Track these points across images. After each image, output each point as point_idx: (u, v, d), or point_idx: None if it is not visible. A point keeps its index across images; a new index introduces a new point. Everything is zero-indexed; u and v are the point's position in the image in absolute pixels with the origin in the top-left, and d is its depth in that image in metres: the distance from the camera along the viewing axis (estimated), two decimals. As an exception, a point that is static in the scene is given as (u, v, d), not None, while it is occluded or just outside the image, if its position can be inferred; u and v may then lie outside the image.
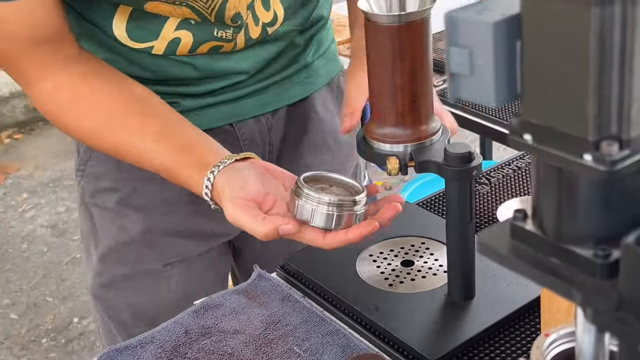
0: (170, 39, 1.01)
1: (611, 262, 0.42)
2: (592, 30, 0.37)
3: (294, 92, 1.15)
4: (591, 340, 0.49)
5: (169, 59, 1.03)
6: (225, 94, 1.09)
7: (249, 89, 1.10)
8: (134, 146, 0.95)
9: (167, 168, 0.94)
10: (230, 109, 1.10)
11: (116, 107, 0.96)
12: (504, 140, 1.41)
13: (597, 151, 0.40)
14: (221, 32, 1.02)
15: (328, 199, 0.85)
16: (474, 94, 0.44)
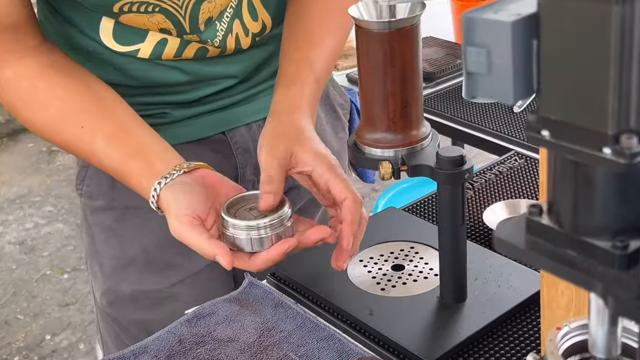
0: (156, 40, 1.00)
1: (629, 253, 0.43)
2: (613, 27, 0.39)
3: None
4: (604, 333, 0.50)
5: (156, 63, 1.03)
6: (215, 102, 1.09)
7: (239, 96, 1.11)
8: (84, 145, 0.95)
9: (116, 171, 0.94)
10: (222, 117, 1.10)
11: (71, 103, 0.95)
12: (476, 144, 1.43)
13: (616, 145, 0.41)
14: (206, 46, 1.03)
15: (245, 224, 0.88)
16: (491, 92, 0.45)
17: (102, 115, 0.95)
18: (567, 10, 0.41)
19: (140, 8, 0.96)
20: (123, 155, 0.93)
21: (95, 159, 0.95)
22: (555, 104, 0.43)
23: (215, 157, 1.09)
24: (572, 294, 0.68)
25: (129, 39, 1.00)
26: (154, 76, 1.04)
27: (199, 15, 0.99)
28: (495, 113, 1.45)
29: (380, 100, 0.87)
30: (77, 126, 0.94)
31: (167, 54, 1.02)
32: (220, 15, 1.02)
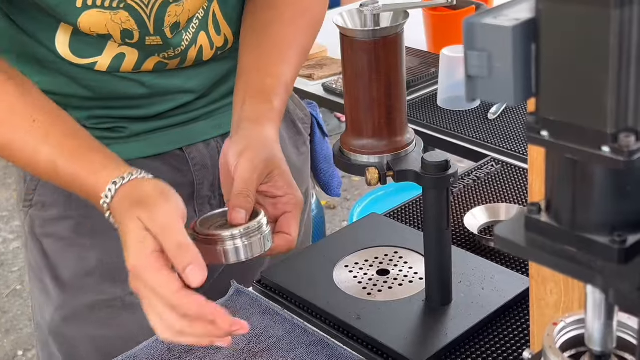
0: (114, 54, 0.99)
1: (628, 247, 0.45)
2: (612, 31, 0.40)
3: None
4: (601, 326, 0.52)
5: (114, 75, 1.01)
6: (173, 117, 1.07)
7: (198, 112, 1.09)
8: (28, 150, 0.88)
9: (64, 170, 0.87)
10: (180, 132, 1.08)
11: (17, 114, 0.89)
12: (452, 151, 1.45)
13: (615, 143, 0.43)
14: (163, 54, 1.01)
15: (229, 233, 0.85)
16: (492, 94, 0.47)
17: (49, 123, 0.89)
18: (566, 14, 0.42)
19: (105, 2, 0.93)
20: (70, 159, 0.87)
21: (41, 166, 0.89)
22: (554, 105, 0.45)
23: (171, 173, 1.06)
24: (560, 293, 0.70)
25: (86, 52, 0.99)
26: (111, 88, 1.02)
27: (165, 18, 0.98)
28: (469, 120, 1.47)
29: (365, 108, 0.88)
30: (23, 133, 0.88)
31: (125, 67, 1.00)
32: (187, 24, 1.01)
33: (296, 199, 0.93)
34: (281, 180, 0.93)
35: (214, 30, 1.04)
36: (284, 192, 0.93)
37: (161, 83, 1.04)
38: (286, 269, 1.04)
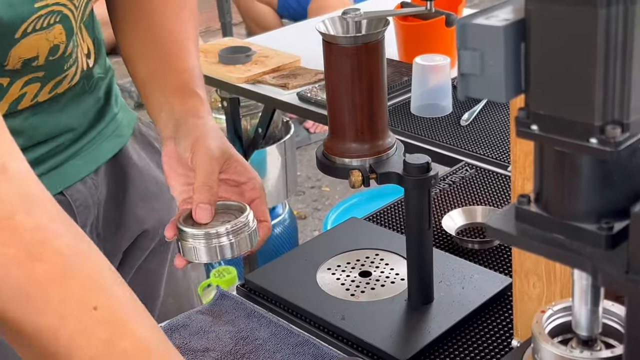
0: (15, 97, 0.93)
1: (614, 234, 0.48)
2: (599, 29, 0.43)
3: (108, 147, 1.07)
4: (587, 312, 0.55)
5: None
6: (51, 159, 1.00)
7: (71, 150, 1.03)
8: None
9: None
10: (59, 174, 1.01)
11: None
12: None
13: (602, 135, 0.45)
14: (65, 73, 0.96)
15: (215, 231, 0.86)
16: (484, 91, 0.49)
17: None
18: (555, 14, 0.45)
19: (45, 22, 0.89)
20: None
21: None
22: (543, 100, 0.48)
23: None
24: (543, 286, 0.72)
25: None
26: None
27: (85, 16, 0.95)
28: (443, 127, 1.51)
29: (348, 112, 0.90)
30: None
31: (24, 102, 0.94)
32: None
33: (259, 182, 0.94)
34: (240, 166, 0.93)
35: (85, 32, 1.00)
36: (247, 178, 0.93)
37: (42, 126, 0.97)
38: (269, 273, 1.05)
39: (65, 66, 0.96)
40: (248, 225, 0.89)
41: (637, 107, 0.46)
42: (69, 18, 0.92)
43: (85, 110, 1.03)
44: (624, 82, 0.45)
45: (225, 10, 3.03)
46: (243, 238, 0.88)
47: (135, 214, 1.10)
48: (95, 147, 1.05)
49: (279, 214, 2.40)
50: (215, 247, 0.87)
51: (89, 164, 1.05)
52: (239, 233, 0.88)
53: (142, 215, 1.10)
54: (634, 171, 0.48)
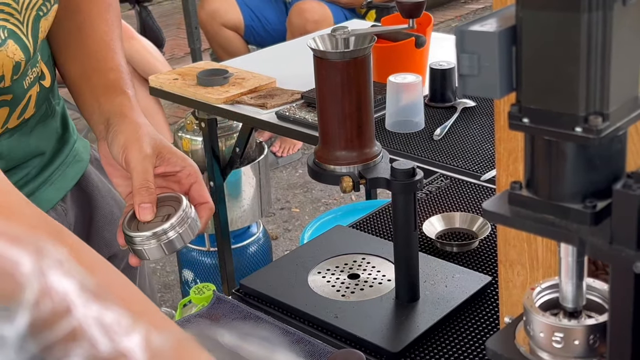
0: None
1: (598, 211, 0.54)
2: (581, 32, 0.50)
3: (72, 173, 1.08)
4: (572, 287, 0.61)
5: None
6: (25, 187, 1.01)
7: (41, 177, 1.03)
8: None
9: None
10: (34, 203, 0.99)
11: None
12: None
13: (586, 124, 0.52)
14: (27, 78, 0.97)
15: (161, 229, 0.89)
16: (480, 90, 0.56)
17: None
18: (542, 20, 0.52)
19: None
20: None
21: None
22: (533, 96, 0.54)
23: None
24: (526, 274, 0.79)
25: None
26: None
27: (39, 35, 0.94)
28: (416, 141, 1.58)
29: (338, 122, 0.97)
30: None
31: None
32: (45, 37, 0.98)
33: (194, 167, 0.96)
34: (173, 157, 0.95)
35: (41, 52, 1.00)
36: (181, 166, 0.95)
37: (17, 148, 0.98)
38: (263, 277, 1.11)
39: (25, 85, 0.96)
40: (188, 214, 0.91)
41: (616, 99, 0.53)
42: (18, 34, 0.91)
43: (50, 134, 1.04)
44: (603, 77, 0.52)
45: (194, 36, 3.10)
46: (186, 229, 0.90)
47: (103, 237, 1.11)
48: (62, 174, 1.06)
49: (254, 233, 2.45)
50: (164, 243, 0.89)
51: (58, 191, 1.05)
52: (182, 224, 0.90)
53: (110, 238, 1.10)
54: (614, 156, 0.55)
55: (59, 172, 1.06)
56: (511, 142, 0.75)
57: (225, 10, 3.54)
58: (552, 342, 0.61)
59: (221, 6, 3.53)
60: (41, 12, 0.93)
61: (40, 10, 0.93)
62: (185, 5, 3.05)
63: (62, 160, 1.07)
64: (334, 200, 3.28)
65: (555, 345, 0.61)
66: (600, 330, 0.60)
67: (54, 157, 1.06)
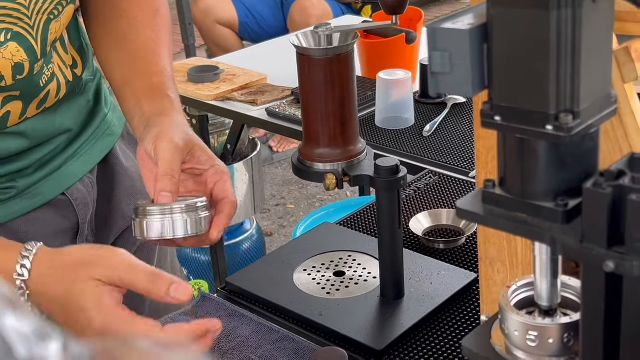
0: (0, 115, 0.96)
1: (569, 210, 0.54)
2: (551, 29, 0.50)
3: (101, 146, 1.11)
4: (547, 285, 0.61)
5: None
6: (53, 162, 1.05)
7: (69, 151, 1.07)
8: None
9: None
10: (59, 177, 1.06)
11: None
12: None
13: (556, 122, 0.52)
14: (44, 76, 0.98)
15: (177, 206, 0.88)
16: (453, 88, 0.56)
17: None
18: (513, 18, 0.52)
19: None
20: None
21: None
22: (505, 94, 0.54)
23: (57, 220, 1.06)
24: (506, 271, 0.79)
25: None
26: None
27: (48, 37, 0.96)
28: (406, 138, 1.58)
29: (322, 119, 0.97)
30: None
31: (12, 120, 0.97)
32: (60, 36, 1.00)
33: (222, 168, 0.96)
34: (204, 155, 0.95)
35: (62, 48, 1.02)
36: (210, 165, 0.95)
37: (41, 128, 1.01)
38: (248, 275, 1.11)
39: (40, 83, 0.97)
40: (201, 208, 0.89)
41: (586, 97, 0.52)
42: (24, 36, 0.92)
43: (78, 110, 1.07)
44: (574, 75, 0.51)
45: (188, 33, 3.09)
46: (195, 219, 0.88)
47: (122, 210, 1.13)
48: (90, 148, 1.09)
49: (247, 230, 2.45)
50: (168, 221, 0.88)
51: (86, 164, 1.09)
52: (190, 212, 0.88)
53: (127, 211, 1.12)
54: (585, 154, 0.55)
55: (87, 145, 1.09)
56: (489, 139, 0.75)
57: (220, 7, 3.53)
58: (527, 341, 0.61)
59: (215, 3, 3.53)
60: (52, 16, 0.95)
61: (51, 14, 0.95)
62: (179, 2, 3.05)
63: (91, 134, 1.09)
64: (329, 197, 3.28)
65: (530, 344, 0.61)
66: (574, 328, 0.60)
67: (82, 131, 1.08)
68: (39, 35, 0.94)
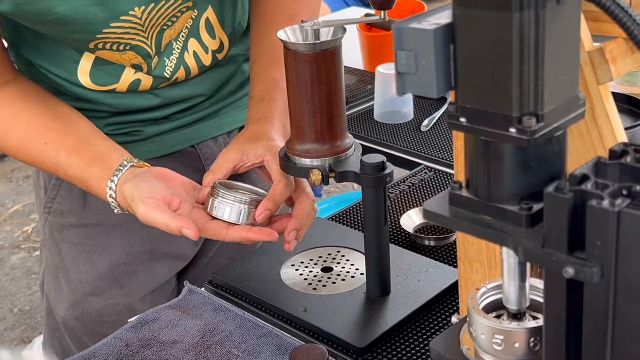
0: (130, 80, 1.10)
1: (533, 213, 0.53)
2: (513, 31, 0.49)
3: (244, 115, 1.20)
4: (515, 288, 0.60)
5: (132, 93, 1.12)
6: (184, 118, 1.19)
7: (205, 112, 1.20)
8: (49, 159, 1.04)
9: (80, 179, 1.03)
10: (191, 131, 1.20)
11: (34, 124, 1.04)
12: (388, 160, 1.53)
13: (519, 124, 0.51)
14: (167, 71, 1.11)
15: (240, 197, 0.99)
16: (418, 88, 0.55)
17: (64, 131, 1.04)
18: (477, 18, 0.51)
19: (113, 47, 1.05)
20: (83, 164, 1.01)
21: (60, 170, 1.04)
22: (469, 96, 0.53)
23: (185, 169, 1.17)
24: (485, 272, 0.78)
25: (105, 80, 1.09)
26: (127, 103, 1.13)
27: (162, 42, 1.09)
28: (404, 132, 1.57)
29: (308, 114, 0.96)
30: (41, 143, 1.03)
31: (142, 87, 1.11)
32: (176, 36, 1.11)
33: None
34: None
35: (208, 35, 1.13)
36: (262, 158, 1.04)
37: (174, 93, 1.15)
38: (236, 270, 1.11)
39: (166, 74, 1.11)
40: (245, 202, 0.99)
41: (551, 100, 0.52)
42: (140, 46, 1.06)
43: (217, 79, 1.18)
44: (537, 77, 0.51)
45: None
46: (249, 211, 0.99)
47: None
48: (233, 114, 1.23)
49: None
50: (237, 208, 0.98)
51: (223, 127, 1.23)
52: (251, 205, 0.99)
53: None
54: (551, 157, 0.54)
55: (229, 110, 1.24)
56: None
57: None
58: (493, 344, 0.60)
59: None
60: (165, 27, 1.07)
61: (164, 25, 1.07)
62: None
63: (235, 101, 1.24)
64: (336, 189, 3.27)
65: (496, 347, 0.60)
66: (541, 332, 0.59)
67: (224, 98, 1.22)
68: (153, 42, 1.07)
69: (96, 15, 0.99)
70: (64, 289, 1.21)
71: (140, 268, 1.20)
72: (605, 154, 0.55)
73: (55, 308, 1.24)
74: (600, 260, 0.49)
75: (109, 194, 1.00)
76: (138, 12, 1.02)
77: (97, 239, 1.19)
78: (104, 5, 0.99)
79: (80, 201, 1.18)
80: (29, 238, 3.34)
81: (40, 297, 2.84)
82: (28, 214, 3.53)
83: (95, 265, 1.19)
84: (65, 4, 0.97)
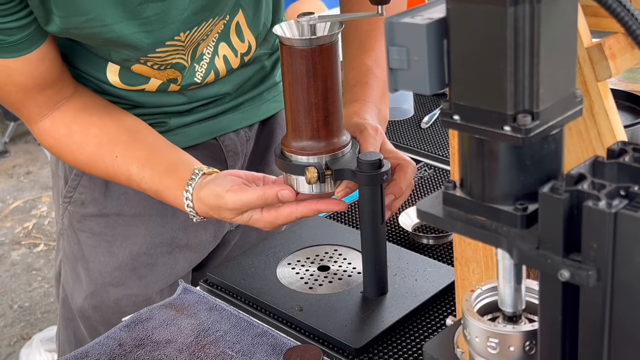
0: (160, 82, 1.11)
1: (528, 214, 0.52)
2: (508, 26, 0.48)
3: (265, 109, 1.26)
4: (511, 290, 0.59)
5: (159, 93, 1.13)
6: (208, 111, 1.19)
7: (228, 105, 1.21)
8: (122, 173, 1.06)
9: (155, 192, 1.05)
10: (214, 124, 1.21)
11: (104, 138, 1.06)
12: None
13: (514, 122, 0.50)
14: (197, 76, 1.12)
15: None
16: (410, 85, 0.54)
17: (132, 143, 1.06)
18: (470, 13, 0.49)
19: (154, 66, 1.07)
20: (157, 177, 1.03)
21: (134, 183, 1.05)
22: (463, 93, 0.52)
23: (207, 160, 1.17)
24: (482, 272, 0.77)
25: (135, 80, 1.10)
26: (154, 101, 1.14)
27: (197, 54, 1.10)
28: (404, 129, 1.55)
29: (304, 111, 0.95)
30: (112, 157, 1.05)
31: (172, 89, 1.13)
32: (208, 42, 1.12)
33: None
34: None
35: (237, 38, 1.14)
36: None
37: (201, 93, 1.17)
38: (232, 268, 1.09)
39: (196, 79, 1.13)
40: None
41: (547, 98, 0.50)
42: (179, 62, 1.09)
43: (241, 78, 1.20)
44: (532, 74, 0.49)
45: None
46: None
47: (270, 168, 1.27)
48: (254, 107, 1.25)
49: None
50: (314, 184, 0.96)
51: (244, 120, 1.24)
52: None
53: (276, 170, 1.21)
54: (547, 156, 0.53)
55: (251, 104, 1.24)
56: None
57: None
58: (488, 348, 0.58)
59: None
60: (201, 41, 1.08)
61: (201, 40, 1.08)
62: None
63: (257, 95, 1.25)
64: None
65: (491, 351, 0.58)
66: (536, 336, 0.57)
67: (247, 92, 1.23)
68: (189, 56, 1.09)
69: (143, 41, 1.01)
70: (83, 278, 1.21)
71: (160, 260, 1.20)
72: (605, 152, 0.54)
73: (72, 298, 1.24)
74: (597, 263, 0.47)
75: (186, 204, 1.01)
76: (183, 37, 1.04)
77: (118, 229, 1.19)
78: (152, 32, 1.01)
79: (102, 191, 1.18)
80: (29, 234, 3.33)
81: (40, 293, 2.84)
82: (29, 210, 3.52)
83: (115, 256, 1.19)
84: (114, 31, 0.98)
